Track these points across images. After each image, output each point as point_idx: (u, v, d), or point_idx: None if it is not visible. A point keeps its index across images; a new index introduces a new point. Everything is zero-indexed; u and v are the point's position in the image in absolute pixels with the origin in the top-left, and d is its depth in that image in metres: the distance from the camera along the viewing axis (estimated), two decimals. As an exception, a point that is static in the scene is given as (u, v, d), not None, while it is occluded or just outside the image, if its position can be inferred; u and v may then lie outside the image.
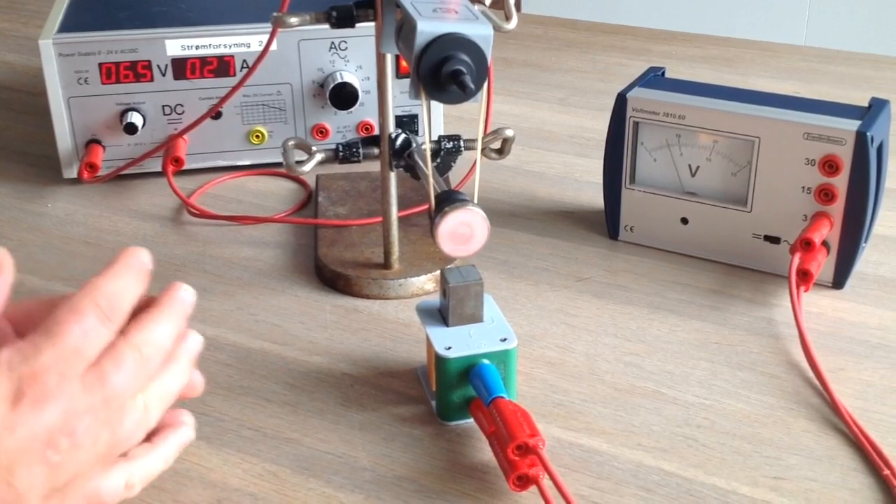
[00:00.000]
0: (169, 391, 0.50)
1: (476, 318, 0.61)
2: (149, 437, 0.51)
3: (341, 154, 0.70)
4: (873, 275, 0.74)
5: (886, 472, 0.56)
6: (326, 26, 0.67)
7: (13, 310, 0.52)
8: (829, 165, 0.69)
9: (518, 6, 2.34)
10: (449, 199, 0.59)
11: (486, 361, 0.58)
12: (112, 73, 0.87)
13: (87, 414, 0.45)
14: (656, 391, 0.63)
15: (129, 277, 0.49)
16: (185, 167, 0.89)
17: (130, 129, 0.87)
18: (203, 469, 0.57)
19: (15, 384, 0.44)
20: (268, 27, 0.85)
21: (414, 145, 0.69)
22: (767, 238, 0.74)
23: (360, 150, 0.70)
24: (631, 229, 0.79)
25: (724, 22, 2.18)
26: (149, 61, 0.87)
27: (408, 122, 0.92)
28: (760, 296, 0.72)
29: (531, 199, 0.87)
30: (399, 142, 0.69)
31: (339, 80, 0.88)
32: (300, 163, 0.69)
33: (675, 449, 0.58)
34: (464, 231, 0.59)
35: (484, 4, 0.63)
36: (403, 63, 0.88)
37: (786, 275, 0.69)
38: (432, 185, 0.61)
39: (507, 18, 0.62)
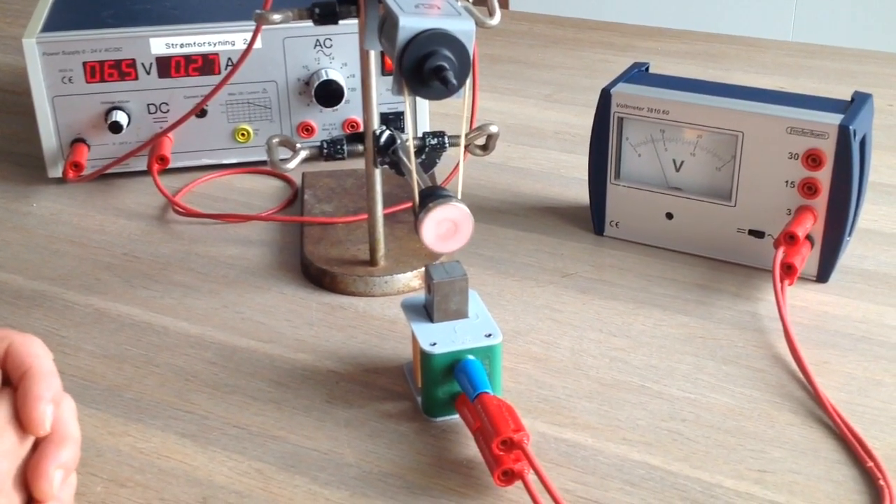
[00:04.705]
0: None
1: (461, 314, 0.61)
2: None
3: (326, 151, 0.70)
4: (857, 268, 0.75)
5: (870, 463, 0.56)
6: (310, 23, 0.67)
7: None
8: (813, 159, 0.70)
9: (505, 3, 2.34)
10: (433, 196, 0.59)
11: (471, 357, 0.59)
12: (96, 71, 0.87)
13: None
14: (641, 386, 0.63)
15: None
16: (171, 166, 0.89)
17: (115, 127, 0.87)
18: (188, 467, 0.57)
19: None
20: (252, 25, 0.85)
21: (398, 142, 0.69)
22: (752, 232, 0.74)
23: (345, 147, 0.70)
24: (616, 225, 0.79)
25: (711, 18, 2.19)
26: (133, 60, 0.87)
27: (394, 119, 0.92)
28: (745, 290, 0.72)
29: (516, 196, 0.87)
30: (384, 139, 0.69)
31: (325, 78, 0.88)
32: (285, 160, 0.69)
33: (660, 443, 0.58)
34: (448, 227, 0.59)
35: (467, 0, 0.63)
36: (388, 60, 0.88)
37: (770, 269, 0.69)
38: (416, 182, 0.61)
39: (491, 14, 0.62)
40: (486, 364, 0.59)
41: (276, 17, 0.66)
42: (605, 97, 0.76)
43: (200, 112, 0.88)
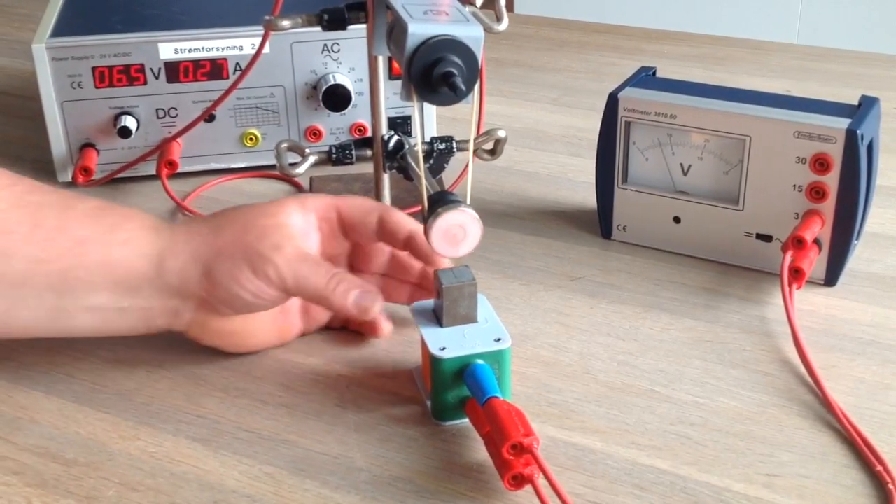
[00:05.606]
0: None
1: (470, 318, 0.61)
2: None
3: (334, 156, 0.70)
4: (865, 272, 0.75)
5: (879, 468, 0.56)
6: (319, 29, 0.67)
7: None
8: (820, 163, 0.70)
9: (510, 7, 2.34)
10: (441, 201, 0.60)
11: (480, 361, 0.59)
12: (105, 76, 0.87)
13: None
14: (650, 390, 0.63)
15: None
16: (180, 170, 0.89)
17: (124, 132, 0.88)
18: (200, 471, 0.57)
19: None
20: (261, 30, 0.85)
21: (406, 146, 0.69)
22: (759, 236, 0.74)
23: (353, 152, 0.70)
24: (624, 228, 0.79)
25: (716, 21, 2.19)
26: (142, 65, 0.87)
27: (401, 124, 0.92)
28: (753, 294, 0.72)
29: (524, 200, 0.87)
30: (392, 143, 0.69)
31: (332, 82, 0.89)
32: (293, 165, 0.69)
33: (669, 447, 0.58)
34: (457, 232, 0.60)
35: (475, 6, 0.63)
36: (396, 65, 0.89)
37: (778, 273, 0.69)
38: (425, 187, 0.61)
39: (498, 20, 0.63)
40: (496, 368, 0.59)
41: (286, 23, 0.66)
42: (613, 102, 0.76)
43: (209, 117, 0.89)
